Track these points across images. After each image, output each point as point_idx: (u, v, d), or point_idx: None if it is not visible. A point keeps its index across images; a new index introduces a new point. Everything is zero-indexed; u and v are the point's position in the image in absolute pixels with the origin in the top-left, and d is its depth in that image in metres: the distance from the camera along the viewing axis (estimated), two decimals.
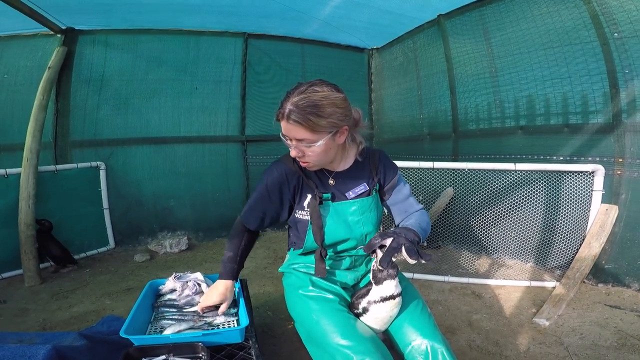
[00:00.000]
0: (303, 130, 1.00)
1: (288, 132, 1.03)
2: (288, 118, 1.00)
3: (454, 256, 2.89)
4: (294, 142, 1.04)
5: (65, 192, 3.03)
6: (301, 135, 1.01)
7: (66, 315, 2.11)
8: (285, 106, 1.00)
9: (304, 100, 0.98)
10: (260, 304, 2.23)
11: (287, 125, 1.01)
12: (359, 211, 1.18)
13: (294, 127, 1.00)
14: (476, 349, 1.75)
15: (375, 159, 1.24)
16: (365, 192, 1.20)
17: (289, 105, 0.99)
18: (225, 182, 3.80)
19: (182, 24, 3.43)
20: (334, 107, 1.01)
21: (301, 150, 1.05)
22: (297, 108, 0.98)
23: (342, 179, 1.19)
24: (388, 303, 1.01)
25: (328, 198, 1.16)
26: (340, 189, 1.18)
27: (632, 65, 2.12)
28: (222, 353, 1.05)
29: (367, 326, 1.06)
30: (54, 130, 3.17)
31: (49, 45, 3.14)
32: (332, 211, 1.16)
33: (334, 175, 1.19)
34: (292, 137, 1.04)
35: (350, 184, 1.19)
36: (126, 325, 1.03)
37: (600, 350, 1.67)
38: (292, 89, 1.04)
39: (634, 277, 2.19)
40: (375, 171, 1.22)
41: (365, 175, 1.22)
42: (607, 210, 2.27)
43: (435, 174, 2.66)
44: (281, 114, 1.02)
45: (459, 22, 3.14)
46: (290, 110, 0.99)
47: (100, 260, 3.11)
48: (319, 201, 1.13)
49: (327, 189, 1.18)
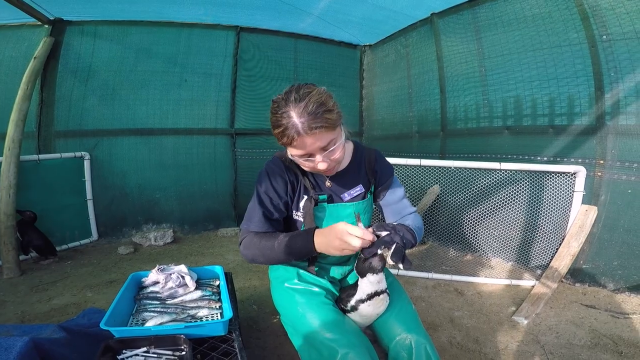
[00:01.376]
0: (325, 132, 0.93)
1: (311, 146, 0.94)
2: (309, 130, 0.90)
3: (438, 253, 2.93)
4: (317, 155, 0.97)
5: (48, 182, 2.97)
6: (326, 138, 0.94)
7: (46, 307, 2.07)
8: (294, 123, 0.90)
9: (310, 105, 0.91)
10: (246, 297, 2.23)
11: (309, 138, 0.92)
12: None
13: (317, 135, 0.92)
14: (456, 345, 1.78)
15: (371, 159, 1.21)
16: (361, 194, 1.18)
17: (298, 119, 0.90)
18: (213, 174, 3.77)
19: (174, 16, 3.39)
20: (331, 99, 0.97)
21: (328, 159, 0.98)
22: (311, 115, 0.90)
23: (338, 180, 1.16)
24: (375, 300, 1.02)
25: (324, 200, 1.13)
26: (337, 190, 1.16)
27: (617, 67, 2.17)
28: (204, 346, 1.04)
29: (352, 321, 1.07)
30: (37, 120, 3.11)
31: (36, 36, 3.08)
32: (328, 213, 1.14)
33: (331, 177, 1.16)
34: (316, 149, 0.95)
35: (346, 185, 1.17)
36: (107, 317, 1.01)
37: (575, 349, 1.72)
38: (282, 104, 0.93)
39: (609, 277, 2.27)
40: (371, 172, 1.20)
41: (361, 176, 1.19)
42: (586, 211, 2.33)
43: (422, 172, 2.69)
44: (294, 132, 0.91)
45: (451, 21, 3.17)
46: (304, 122, 0.90)
47: (82, 252, 3.05)
48: (314, 203, 1.10)
49: (324, 190, 1.15)
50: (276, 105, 0.95)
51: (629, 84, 2.12)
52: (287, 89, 0.96)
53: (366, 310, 1.04)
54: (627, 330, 1.85)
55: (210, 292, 1.28)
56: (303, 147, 0.94)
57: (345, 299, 1.10)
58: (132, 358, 0.94)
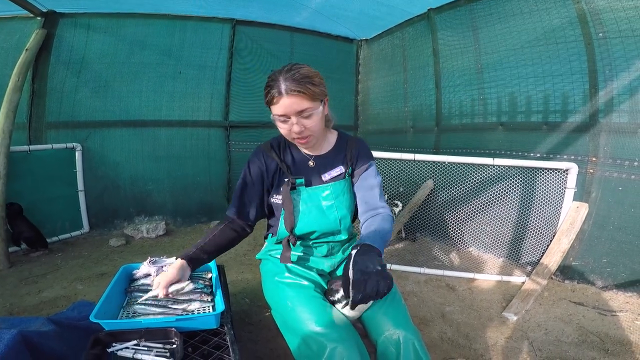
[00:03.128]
0: (303, 99, 1.04)
1: (289, 107, 1.04)
2: (289, 91, 1.02)
3: (431, 248, 2.95)
4: (293, 118, 1.06)
5: (39, 173, 2.93)
6: (303, 105, 1.04)
7: (35, 300, 2.05)
8: (279, 84, 1.03)
9: (296, 74, 1.03)
10: (238, 290, 2.22)
11: (288, 99, 1.03)
12: (332, 195, 1.20)
13: (294, 99, 1.03)
14: (447, 341, 1.80)
15: (353, 145, 1.27)
16: (341, 174, 1.23)
17: (283, 82, 1.02)
18: (206, 167, 3.75)
19: (169, 8, 3.35)
20: (319, 78, 1.09)
21: (302, 124, 1.07)
22: (294, 81, 1.02)
23: (321, 162, 1.23)
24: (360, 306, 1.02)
25: (301, 184, 1.19)
26: (319, 170, 1.22)
27: (612, 65, 2.18)
28: (195, 339, 1.03)
29: (341, 314, 1.08)
30: (28, 111, 3.07)
31: (28, 28, 3.04)
32: (305, 196, 1.19)
33: (314, 157, 1.23)
34: (292, 112, 1.05)
35: (327, 166, 1.23)
36: (97, 310, 1.00)
37: (563, 346, 1.75)
38: (274, 72, 1.07)
39: (598, 274, 2.30)
40: (350, 154, 1.25)
41: (341, 158, 1.25)
42: (577, 207, 2.36)
43: (416, 166, 2.70)
44: (277, 92, 1.03)
45: (448, 16, 3.15)
46: (287, 85, 1.02)
47: (73, 244, 3.02)
48: (290, 187, 1.16)
49: (305, 173, 1.21)
50: (270, 73, 1.09)
51: (623, 82, 2.13)
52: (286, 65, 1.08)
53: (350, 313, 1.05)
54: (614, 327, 1.88)
55: (202, 285, 1.27)
56: (282, 107, 1.04)
57: (334, 289, 1.09)
58: (122, 351, 0.93)
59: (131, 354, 0.92)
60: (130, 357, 0.91)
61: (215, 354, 0.97)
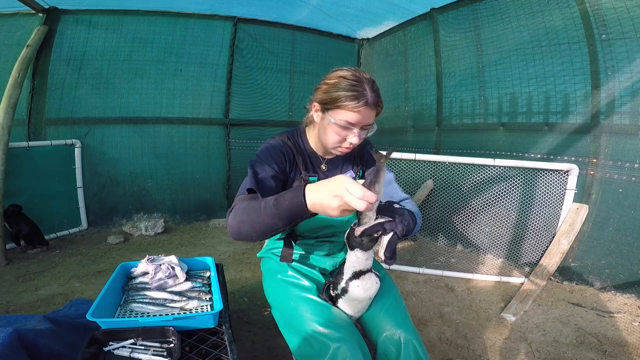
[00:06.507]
0: (375, 115, 1.03)
1: (365, 119, 1.00)
2: (375, 104, 0.99)
3: (430, 248, 2.95)
4: (356, 129, 1.02)
5: (38, 169, 2.92)
6: (372, 120, 1.03)
7: (32, 298, 2.04)
8: (366, 94, 0.97)
9: (378, 89, 1.01)
10: (237, 289, 2.22)
11: (368, 111, 1.00)
12: None
13: (372, 113, 1.01)
14: (445, 341, 1.79)
15: (360, 145, 1.23)
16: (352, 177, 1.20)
17: (370, 93, 0.98)
18: (206, 164, 3.74)
19: (171, 6, 3.34)
20: None
21: (360, 137, 1.05)
22: (377, 95, 1.00)
23: (333, 165, 1.21)
24: (363, 280, 0.99)
25: (314, 181, 1.12)
26: (330, 174, 1.19)
27: (615, 67, 2.17)
28: (193, 338, 1.03)
29: (343, 313, 1.07)
30: (28, 107, 3.07)
31: (29, 24, 3.03)
32: None
33: (327, 161, 1.20)
34: (363, 124, 1.01)
35: (339, 169, 1.21)
36: (93, 308, 0.99)
37: (561, 347, 1.75)
38: (354, 77, 0.98)
39: (597, 276, 2.30)
40: (359, 157, 1.24)
41: (351, 161, 1.24)
42: (577, 209, 2.35)
43: (416, 166, 2.69)
44: (363, 100, 0.97)
45: (451, 16, 3.14)
46: (374, 98, 0.98)
47: (71, 241, 3.01)
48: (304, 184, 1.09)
49: (318, 173, 1.18)
50: (346, 75, 0.99)
51: (626, 83, 2.13)
52: (348, 68, 1.02)
53: (357, 292, 1.01)
54: (612, 329, 1.88)
55: (201, 284, 1.27)
56: (358, 116, 0.99)
57: (335, 281, 1.07)
58: (119, 350, 0.93)
59: (128, 353, 0.91)
60: (127, 356, 0.91)
61: (213, 353, 0.96)
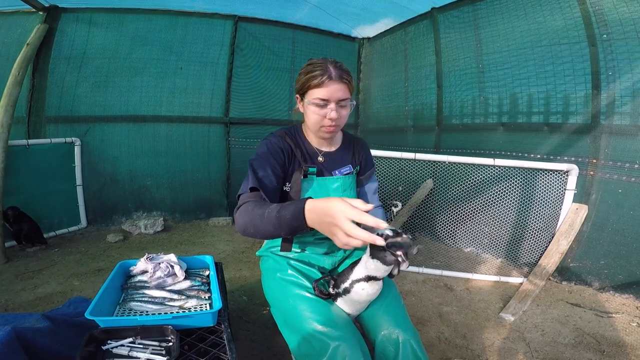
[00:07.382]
0: (346, 89, 1.10)
1: (335, 92, 1.08)
2: (340, 78, 1.07)
3: (430, 248, 2.95)
4: (333, 104, 1.09)
5: (37, 168, 2.91)
6: (345, 94, 1.10)
7: (31, 296, 2.04)
8: (329, 70, 1.07)
9: (343, 66, 1.11)
10: (236, 288, 2.22)
11: (337, 85, 1.07)
12: (341, 188, 1.21)
13: (341, 87, 1.08)
14: (444, 341, 1.79)
15: (359, 146, 1.32)
16: (350, 173, 1.26)
17: (333, 69, 1.07)
18: (205, 163, 3.74)
19: (171, 4, 3.33)
20: None
21: (338, 112, 1.11)
22: (344, 71, 1.09)
23: (330, 159, 1.24)
24: (371, 284, 0.99)
25: (314, 172, 1.18)
26: (328, 167, 1.23)
27: (616, 67, 2.17)
28: (192, 337, 1.03)
29: (343, 311, 1.06)
30: (28, 105, 3.06)
31: (30, 23, 3.03)
32: (315, 185, 1.19)
33: (324, 154, 1.24)
34: (335, 98, 1.08)
35: (337, 164, 1.25)
36: (92, 307, 0.99)
37: (559, 347, 1.75)
38: (317, 60, 1.11)
39: (595, 276, 2.30)
40: (358, 156, 1.30)
41: (349, 158, 1.28)
42: (577, 209, 2.35)
43: (416, 165, 2.69)
44: (327, 76, 1.06)
45: (452, 16, 3.14)
46: (337, 72, 1.07)
47: (70, 239, 3.00)
48: (303, 174, 1.16)
49: (316, 164, 1.21)
50: (313, 61, 1.12)
51: (626, 84, 2.13)
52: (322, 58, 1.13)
53: (360, 294, 1.01)
54: (610, 329, 1.88)
55: (200, 282, 1.27)
56: (327, 91, 1.07)
57: (339, 281, 1.07)
58: (117, 348, 0.92)
59: (126, 352, 0.91)
60: (126, 355, 0.90)
61: (212, 352, 0.96)
